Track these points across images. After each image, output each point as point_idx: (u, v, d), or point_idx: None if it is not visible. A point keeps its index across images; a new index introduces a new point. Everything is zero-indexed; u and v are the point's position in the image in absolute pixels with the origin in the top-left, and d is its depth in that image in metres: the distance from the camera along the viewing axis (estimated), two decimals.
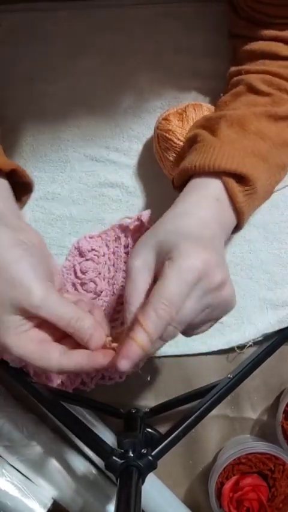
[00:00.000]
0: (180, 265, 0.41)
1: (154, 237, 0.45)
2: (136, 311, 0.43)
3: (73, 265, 0.64)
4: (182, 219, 0.46)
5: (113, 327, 0.63)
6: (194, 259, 0.41)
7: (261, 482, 0.62)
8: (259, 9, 0.53)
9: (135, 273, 0.43)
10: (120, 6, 0.65)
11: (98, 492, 0.63)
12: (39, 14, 0.65)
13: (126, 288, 0.44)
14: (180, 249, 0.42)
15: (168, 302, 0.40)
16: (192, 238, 0.43)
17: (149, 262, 0.44)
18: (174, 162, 0.58)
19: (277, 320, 0.63)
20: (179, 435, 0.53)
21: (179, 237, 0.43)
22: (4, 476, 0.61)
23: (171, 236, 0.44)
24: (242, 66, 0.55)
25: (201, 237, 0.44)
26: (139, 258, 0.44)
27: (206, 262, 0.41)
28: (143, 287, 0.43)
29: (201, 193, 0.48)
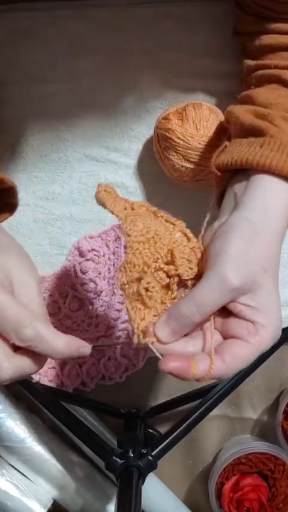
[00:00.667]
0: (268, 339, 0.40)
1: (256, 265, 0.41)
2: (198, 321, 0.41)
3: (73, 265, 0.64)
4: (274, 246, 0.42)
5: (109, 327, 0.63)
6: (279, 328, 0.41)
7: (261, 483, 0.62)
8: (267, 6, 0.52)
9: (227, 290, 0.40)
10: (120, 6, 0.65)
11: (98, 492, 0.63)
12: (39, 13, 0.65)
13: (205, 293, 0.40)
14: (273, 316, 0.41)
15: (238, 370, 0.40)
16: (277, 291, 0.41)
17: (243, 289, 0.40)
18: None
19: None
20: (179, 435, 0.53)
21: (273, 290, 0.41)
22: (4, 476, 0.61)
23: (268, 282, 0.41)
24: (265, 61, 0.54)
25: (277, 287, 0.42)
26: (239, 278, 0.40)
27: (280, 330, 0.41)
28: (222, 304, 0.41)
29: (281, 203, 0.43)
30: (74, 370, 0.63)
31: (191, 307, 0.40)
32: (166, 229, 0.44)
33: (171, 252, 0.42)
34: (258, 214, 0.43)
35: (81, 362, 0.63)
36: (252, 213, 0.43)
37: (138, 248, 0.42)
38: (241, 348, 0.40)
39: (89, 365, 0.63)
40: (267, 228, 0.42)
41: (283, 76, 0.51)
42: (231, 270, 0.40)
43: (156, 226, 0.43)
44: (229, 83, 0.62)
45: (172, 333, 0.40)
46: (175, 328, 0.40)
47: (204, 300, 0.40)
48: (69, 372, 0.63)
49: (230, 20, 0.61)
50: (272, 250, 0.42)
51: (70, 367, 0.63)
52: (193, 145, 0.57)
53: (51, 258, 0.65)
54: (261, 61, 0.55)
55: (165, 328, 0.41)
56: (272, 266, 0.42)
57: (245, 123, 0.48)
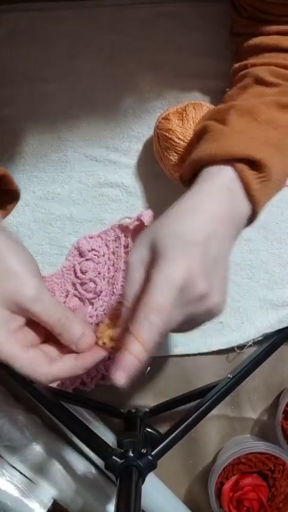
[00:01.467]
0: (165, 272, 0.40)
1: (151, 233, 0.43)
2: (130, 305, 0.42)
3: (73, 265, 0.64)
4: (186, 216, 0.43)
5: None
6: (178, 265, 0.40)
7: (261, 482, 0.62)
8: (262, 8, 0.52)
9: (130, 269, 0.43)
10: (120, 6, 0.65)
11: (98, 492, 0.63)
12: (39, 13, 0.65)
13: (124, 284, 0.43)
14: (167, 254, 0.41)
15: (159, 309, 0.39)
16: (183, 241, 0.41)
17: (144, 259, 0.42)
18: (180, 158, 0.57)
19: (277, 320, 0.63)
20: (179, 435, 0.53)
21: (171, 240, 0.42)
22: (4, 476, 0.61)
23: (166, 239, 0.42)
24: (246, 61, 0.55)
25: (193, 241, 0.42)
26: (134, 254, 0.43)
27: (188, 271, 0.40)
28: (138, 283, 0.42)
29: (211, 184, 0.45)
30: None
31: (123, 303, 0.43)
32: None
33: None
34: (185, 201, 0.45)
35: None
36: (180, 202, 0.45)
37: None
38: (145, 296, 0.40)
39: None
40: (173, 207, 0.44)
41: (255, 72, 0.52)
42: (129, 253, 0.44)
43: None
44: (228, 83, 0.62)
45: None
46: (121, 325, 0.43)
47: (125, 289, 0.43)
48: None
49: (229, 21, 0.61)
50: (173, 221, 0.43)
51: None
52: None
53: (51, 258, 0.65)
54: (244, 62, 0.55)
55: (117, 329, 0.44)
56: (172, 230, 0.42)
57: (195, 131, 0.51)
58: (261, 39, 0.54)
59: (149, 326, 0.39)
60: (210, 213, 0.43)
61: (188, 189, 0.47)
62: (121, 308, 0.43)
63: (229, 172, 0.45)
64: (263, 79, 0.51)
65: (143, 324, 0.39)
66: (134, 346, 0.39)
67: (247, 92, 0.52)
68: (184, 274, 0.40)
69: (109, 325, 0.46)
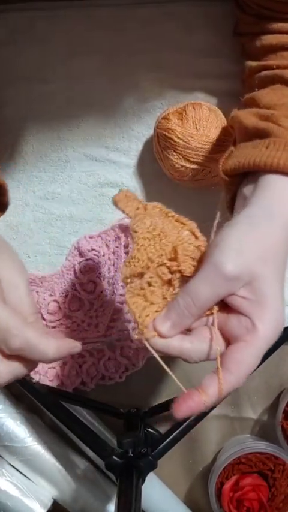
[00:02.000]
0: (270, 337, 0.39)
1: (257, 257, 0.40)
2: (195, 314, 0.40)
3: (73, 265, 0.64)
4: (284, 244, 0.42)
5: (109, 327, 0.63)
6: (281, 327, 0.40)
7: (261, 482, 0.62)
8: (268, 6, 0.52)
9: (223, 280, 0.39)
10: (120, 6, 0.65)
11: (98, 492, 0.63)
12: (38, 13, 0.65)
13: (201, 285, 0.40)
14: (274, 313, 0.39)
15: (247, 373, 0.39)
16: (281, 289, 0.40)
17: (241, 281, 0.40)
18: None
19: None
20: (179, 435, 0.53)
21: (275, 286, 0.40)
22: (4, 476, 0.61)
23: (270, 276, 0.40)
24: (267, 61, 0.54)
25: (282, 279, 0.41)
26: (236, 268, 0.39)
27: (284, 324, 0.40)
28: (219, 297, 0.40)
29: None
30: (74, 370, 0.63)
31: (186, 298, 0.40)
32: (174, 228, 0.44)
33: (174, 249, 0.42)
34: (260, 210, 0.42)
35: (81, 362, 0.63)
36: (254, 210, 0.43)
37: (143, 244, 0.42)
38: (242, 351, 0.39)
39: (89, 365, 0.63)
40: (268, 221, 0.42)
41: (286, 76, 0.51)
42: (225, 259, 0.39)
43: (164, 224, 0.44)
44: (229, 83, 0.62)
45: (172, 326, 0.40)
46: (175, 321, 0.40)
47: (199, 290, 0.40)
48: (69, 371, 0.63)
49: (230, 20, 0.61)
50: (273, 242, 0.41)
51: (70, 367, 0.63)
52: (193, 145, 0.57)
53: (51, 258, 0.65)
54: (263, 62, 0.54)
55: (166, 321, 0.41)
56: (274, 258, 0.41)
57: (248, 127, 0.48)
58: (277, 38, 0.53)
59: (234, 384, 0.39)
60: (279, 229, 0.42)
61: (226, 182, 0.47)
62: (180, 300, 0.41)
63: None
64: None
65: (229, 379, 0.39)
66: (211, 395, 0.39)
67: (283, 93, 0.50)
68: (280, 331, 0.40)
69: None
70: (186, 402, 0.39)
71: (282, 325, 0.40)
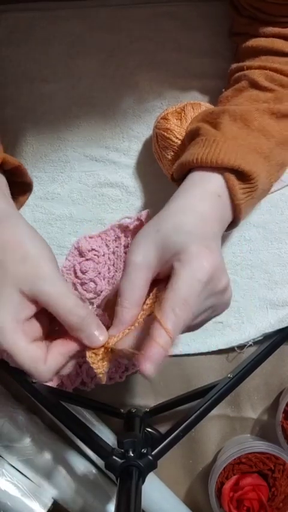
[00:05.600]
0: (192, 267, 0.41)
1: (156, 233, 0.44)
2: (129, 306, 0.42)
3: (73, 265, 0.64)
4: (185, 215, 0.45)
5: (109, 327, 0.63)
6: (204, 261, 0.41)
7: (261, 482, 0.62)
8: (261, 8, 0.53)
9: (133, 269, 0.43)
10: (120, 6, 0.65)
11: (98, 492, 0.63)
12: (39, 14, 0.65)
13: (122, 282, 0.43)
14: (190, 250, 0.42)
15: (185, 302, 0.40)
16: (198, 238, 0.43)
17: (150, 259, 0.43)
18: (173, 156, 0.58)
19: (277, 320, 0.63)
20: (179, 435, 0.53)
21: (185, 236, 0.43)
22: (4, 476, 0.61)
23: (176, 235, 0.43)
24: (243, 63, 0.55)
25: (206, 238, 0.44)
26: (139, 254, 0.43)
27: (215, 265, 0.42)
28: (140, 283, 0.43)
29: (203, 188, 0.47)
30: (74, 370, 0.63)
31: (118, 299, 0.43)
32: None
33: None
34: (167, 208, 0.46)
35: (81, 362, 0.63)
36: (163, 210, 0.46)
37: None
38: (171, 289, 0.41)
39: (89, 365, 0.63)
40: (169, 206, 0.46)
41: (250, 76, 0.53)
42: (130, 251, 0.44)
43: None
44: (227, 83, 0.62)
45: (116, 329, 0.43)
46: (116, 323, 0.43)
47: (123, 286, 0.43)
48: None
49: (229, 21, 0.61)
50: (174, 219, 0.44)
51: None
52: None
53: None
54: (241, 63, 0.55)
55: (112, 328, 0.43)
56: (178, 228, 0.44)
57: (187, 132, 0.52)
58: (258, 41, 0.54)
59: (175, 318, 0.40)
60: (206, 214, 0.45)
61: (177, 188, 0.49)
62: (116, 306, 0.43)
63: (219, 179, 0.47)
64: (258, 83, 0.52)
65: (169, 316, 0.40)
66: (162, 337, 0.40)
67: (242, 95, 0.52)
68: (210, 268, 0.41)
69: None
70: (147, 354, 0.40)
71: (209, 256, 0.42)
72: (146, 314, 0.43)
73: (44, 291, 0.41)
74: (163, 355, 0.40)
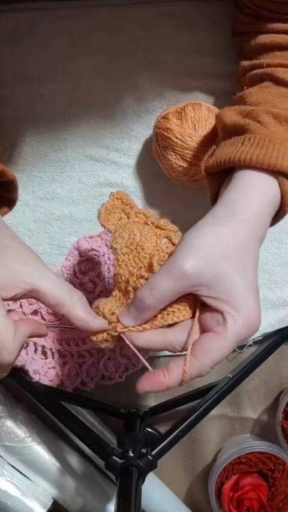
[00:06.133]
0: (241, 332, 0.40)
1: (218, 258, 0.41)
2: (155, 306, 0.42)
3: (73, 265, 0.64)
4: (249, 245, 0.42)
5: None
6: (254, 323, 0.41)
7: (261, 482, 0.62)
8: (265, 6, 0.52)
9: (180, 277, 0.41)
10: (120, 6, 0.65)
11: (98, 492, 0.63)
12: (39, 13, 0.65)
13: (160, 280, 0.41)
14: (245, 309, 0.40)
15: (215, 364, 0.41)
16: (253, 288, 0.41)
17: (200, 280, 0.41)
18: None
19: (277, 319, 0.63)
20: (179, 435, 0.53)
21: (243, 284, 0.41)
22: (4, 476, 0.61)
23: (236, 276, 0.41)
24: (259, 60, 0.54)
25: (257, 283, 0.42)
26: (194, 268, 0.40)
27: (259, 322, 0.41)
28: (178, 293, 0.41)
29: (263, 198, 0.44)
30: (74, 370, 0.63)
31: (145, 290, 0.42)
32: (154, 236, 0.46)
33: (150, 261, 0.44)
34: (224, 207, 0.44)
35: (81, 362, 0.63)
36: (220, 207, 0.44)
37: (124, 260, 0.45)
38: (210, 341, 0.41)
39: (89, 365, 0.63)
40: (230, 217, 0.43)
41: (274, 73, 0.51)
42: (185, 256, 0.41)
43: (143, 234, 0.45)
44: (229, 83, 0.62)
45: (132, 317, 0.42)
46: (134, 312, 0.42)
47: (157, 284, 0.41)
48: (69, 371, 0.63)
49: (230, 20, 0.61)
50: (234, 239, 0.42)
51: (70, 367, 0.63)
52: (191, 145, 0.57)
53: (51, 258, 0.65)
54: (256, 61, 0.55)
55: (127, 314, 0.43)
56: (235, 254, 0.41)
57: (227, 125, 0.49)
58: (271, 37, 0.53)
59: (197, 373, 0.40)
60: (262, 238, 0.44)
61: (210, 181, 0.48)
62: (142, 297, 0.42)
63: (274, 185, 0.44)
64: (284, 80, 0.50)
65: (195, 367, 0.40)
66: (174, 378, 0.40)
67: (269, 92, 0.50)
68: (255, 328, 0.41)
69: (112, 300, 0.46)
70: (150, 379, 0.40)
71: (256, 321, 0.41)
72: (163, 318, 0.43)
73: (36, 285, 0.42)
74: (162, 390, 0.40)
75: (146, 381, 0.40)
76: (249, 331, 0.41)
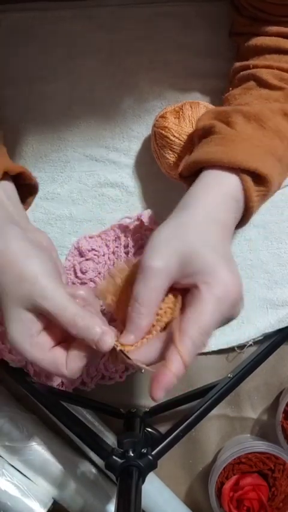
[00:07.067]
0: (220, 296, 0.41)
1: (180, 242, 0.43)
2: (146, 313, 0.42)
3: (73, 265, 0.64)
4: (208, 226, 0.44)
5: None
6: (233, 292, 0.41)
7: (261, 482, 0.62)
8: (261, 8, 0.53)
9: (152, 275, 0.42)
10: (120, 6, 0.65)
11: (98, 492, 0.63)
12: (39, 14, 0.65)
13: (138, 287, 0.42)
14: (219, 276, 0.41)
15: (205, 332, 0.40)
16: (224, 259, 0.42)
17: (171, 268, 0.42)
18: (173, 155, 0.57)
19: (277, 319, 0.63)
20: (179, 435, 0.53)
21: (211, 255, 0.42)
22: (4, 476, 0.61)
23: (203, 251, 0.42)
24: (248, 61, 0.55)
25: (229, 256, 0.43)
26: (159, 260, 0.42)
27: (239, 292, 0.42)
28: (158, 290, 0.42)
29: (221, 190, 0.46)
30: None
31: (133, 303, 0.42)
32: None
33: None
34: (183, 202, 0.46)
35: None
36: (180, 204, 0.46)
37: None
38: (190, 310, 0.41)
39: (89, 365, 0.63)
40: (185, 208, 0.45)
41: (258, 74, 0.52)
42: (147, 256, 0.42)
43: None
44: (228, 82, 0.62)
45: (131, 332, 0.43)
46: (132, 328, 0.42)
47: (137, 291, 0.42)
48: None
49: (230, 20, 0.61)
50: (192, 222, 0.44)
51: None
52: (188, 144, 0.57)
53: None
54: (246, 62, 0.55)
55: (127, 334, 0.43)
56: (195, 234, 0.43)
57: (198, 128, 0.51)
58: (262, 39, 0.54)
59: (193, 347, 0.40)
60: (226, 224, 0.45)
61: (186, 185, 0.49)
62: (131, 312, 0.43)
63: (235, 181, 0.46)
64: (267, 82, 0.51)
65: (187, 343, 0.40)
66: (176, 364, 0.40)
67: (251, 93, 0.52)
68: (237, 298, 0.42)
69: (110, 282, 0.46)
70: (160, 383, 0.40)
71: (233, 286, 0.41)
72: (161, 321, 0.43)
73: (43, 307, 0.42)
74: (175, 382, 0.40)
75: (158, 387, 0.40)
76: (229, 296, 0.41)
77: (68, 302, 0.43)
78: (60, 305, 0.42)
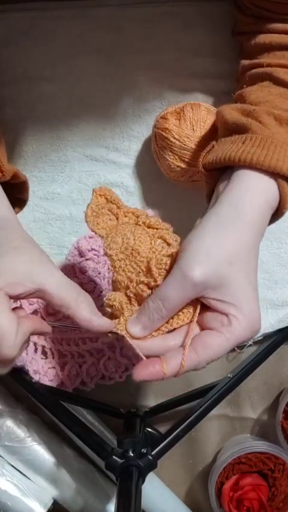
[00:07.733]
0: (244, 331, 0.41)
1: (221, 258, 0.41)
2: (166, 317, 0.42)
3: (73, 265, 0.64)
4: (253, 247, 0.43)
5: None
6: (258, 325, 0.42)
7: (261, 482, 0.62)
8: (266, 7, 0.53)
9: (190, 286, 0.41)
10: (120, 6, 0.65)
11: (98, 492, 0.63)
12: (39, 14, 0.65)
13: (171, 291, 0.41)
14: (249, 310, 0.41)
15: (215, 359, 0.41)
16: (255, 290, 0.42)
17: (207, 285, 0.41)
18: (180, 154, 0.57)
19: (277, 319, 0.63)
20: (179, 435, 0.53)
21: (248, 287, 0.41)
22: (4, 476, 0.61)
23: (241, 279, 0.41)
24: (259, 60, 0.54)
25: (256, 283, 0.43)
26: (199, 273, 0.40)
27: (260, 323, 0.42)
28: (188, 300, 0.42)
29: (265, 200, 0.44)
30: (74, 369, 0.63)
31: (157, 302, 0.42)
32: (147, 237, 0.45)
33: (148, 265, 0.44)
34: (228, 208, 0.43)
35: (81, 362, 0.63)
36: (223, 208, 0.44)
37: (120, 266, 0.45)
38: (212, 338, 0.41)
39: (89, 365, 0.63)
40: (235, 221, 0.43)
41: (274, 74, 0.51)
42: (191, 264, 0.41)
43: (136, 236, 0.45)
44: (229, 83, 0.62)
45: (143, 328, 0.42)
46: (145, 323, 0.42)
47: (168, 294, 0.41)
48: (69, 371, 0.63)
49: (230, 20, 0.61)
50: (240, 244, 0.42)
51: (70, 367, 0.63)
52: (189, 146, 0.57)
53: (51, 258, 0.65)
54: (255, 60, 0.55)
55: (137, 324, 0.43)
56: (241, 259, 0.42)
57: (229, 122, 0.48)
58: (270, 37, 0.53)
59: (195, 366, 0.41)
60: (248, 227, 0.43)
61: (208, 177, 0.47)
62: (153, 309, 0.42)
63: (273, 186, 0.44)
64: (284, 81, 0.50)
65: (193, 360, 0.41)
66: (173, 366, 0.40)
67: (269, 91, 0.50)
68: (258, 328, 0.42)
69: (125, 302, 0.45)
70: (147, 367, 0.40)
71: (258, 325, 0.42)
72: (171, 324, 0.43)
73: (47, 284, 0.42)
74: (160, 379, 0.40)
75: (143, 369, 0.40)
76: (251, 334, 0.41)
77: (69, 284, 0.43)
78: (62, 286, 0.43)
